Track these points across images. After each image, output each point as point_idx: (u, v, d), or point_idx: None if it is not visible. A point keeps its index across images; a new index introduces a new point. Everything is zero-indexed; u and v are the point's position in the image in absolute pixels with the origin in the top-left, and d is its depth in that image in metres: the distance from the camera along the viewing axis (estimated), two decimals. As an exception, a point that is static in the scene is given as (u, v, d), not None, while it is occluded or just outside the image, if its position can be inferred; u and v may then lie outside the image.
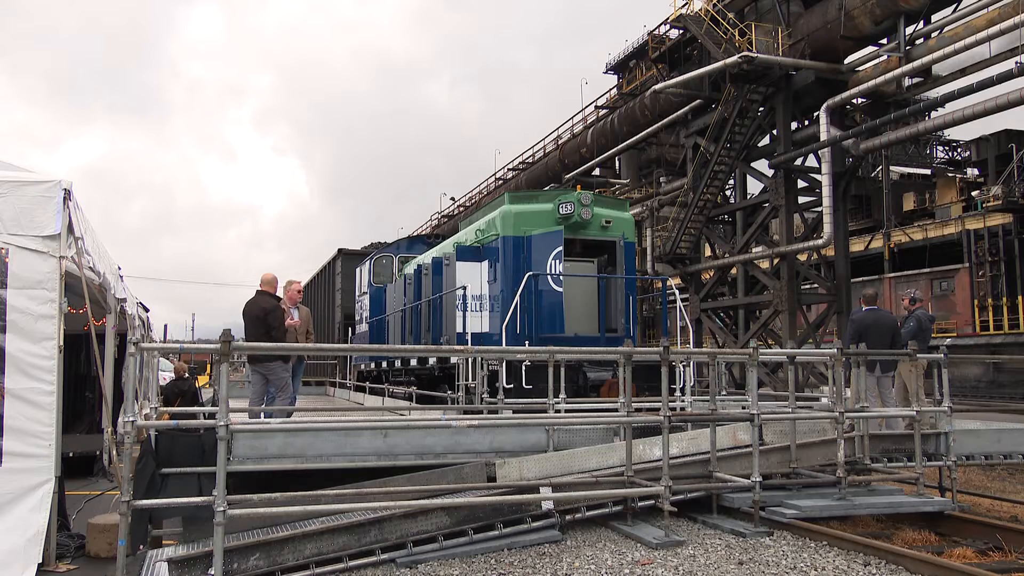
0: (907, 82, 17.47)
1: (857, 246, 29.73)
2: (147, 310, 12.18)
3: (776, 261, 20.32)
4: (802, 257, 21.12)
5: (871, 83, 17.21)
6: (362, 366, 17.71)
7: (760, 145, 21.39)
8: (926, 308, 12.57)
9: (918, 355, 6.78)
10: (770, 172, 20.13)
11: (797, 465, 6.54)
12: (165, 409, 8.40)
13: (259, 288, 7.58)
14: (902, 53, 16.58)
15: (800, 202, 20.55)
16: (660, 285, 12.31)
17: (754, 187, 23.70)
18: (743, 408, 8.54)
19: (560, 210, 10.16)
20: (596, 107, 31.15)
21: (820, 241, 18.72)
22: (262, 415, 7.13)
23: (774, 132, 20.47)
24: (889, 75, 16.78)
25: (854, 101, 18.70)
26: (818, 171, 19.01)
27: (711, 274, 22.84)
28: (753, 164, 21.37)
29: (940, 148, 35.52)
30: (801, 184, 20.37)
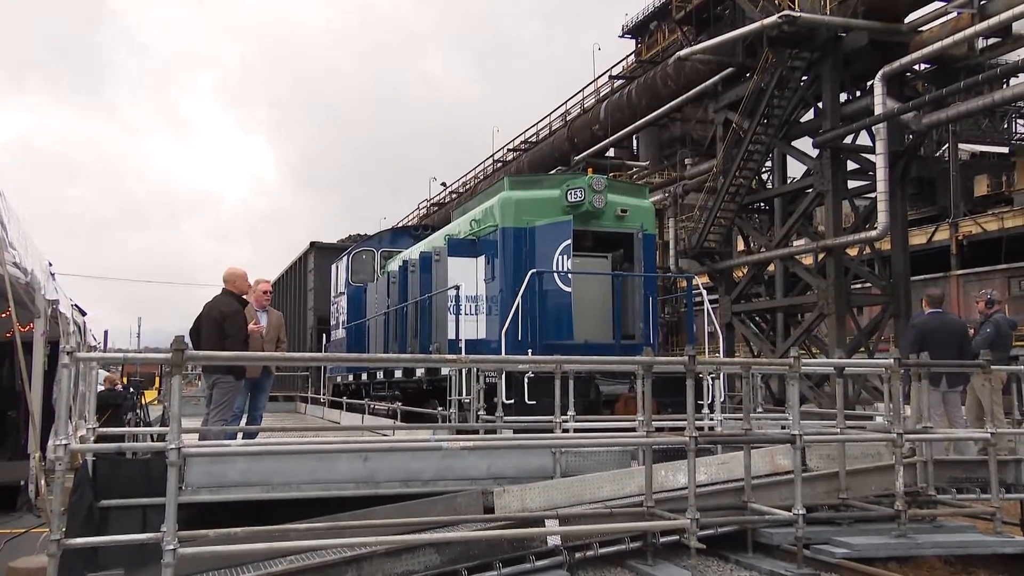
0: (980, 43, 17.44)
1: (918, 238, 29.68)
2: (84, 314, 12.19)
3: (821, 256, 20.32)
4: (852, 251, 21.10)
5: (937, 45, 17.11)
6: (338, 378, 17.74)
7: (803, 121, 21.40)
8: (1004, 311, 12.53)
9: (994, 367, 6.76)
10: (814, 152, 20.15)
11: (847, 496, 6.53)
12: (107, 430, 8.40)
13: (223, 288, 7.58)
14: (975, 9, 16.52)
15: (850, 187, 20.59)
16: (685, 284, 12.34)
17: (795, 170, 23.76)
18: (782, 428, 8.52)
19: (568, 197, 10.19)
20: (610, 77, 31.20)
21: (874, 233, 18.73)
22: (223, 437, 7.13)
23: (819, 105, 20.50)
24: (959, 35, 16.69)
25: (916, 67, 18.70)
26: (872, 150, 19.03)
27: (744, 271, 22.84)
28: (794, 143, 21.40)
29: (1020, 122, 35.35)
30: (851, 166, 20.40)
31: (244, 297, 7.79)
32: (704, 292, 11.02)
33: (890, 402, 6.65)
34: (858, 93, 20.21)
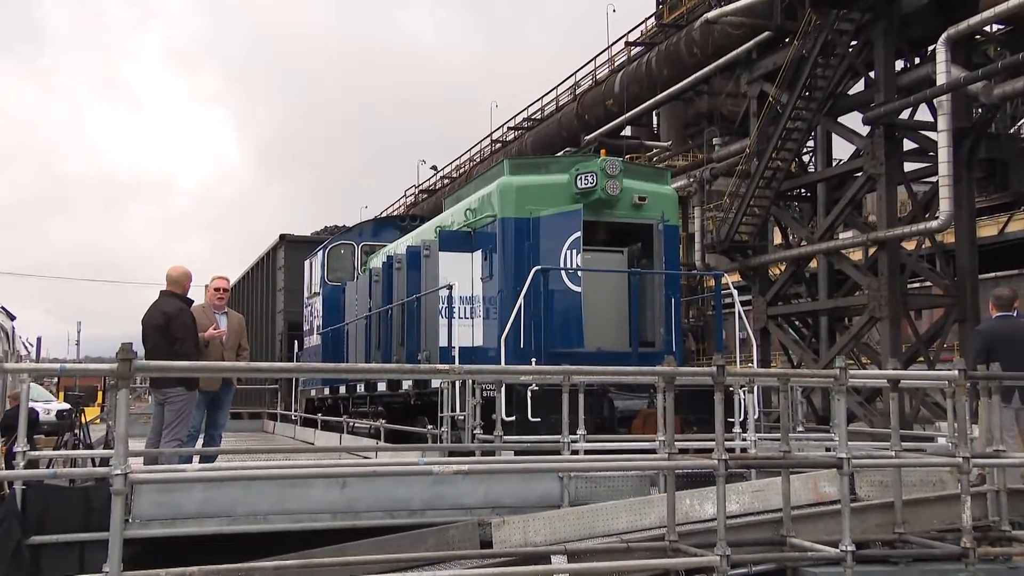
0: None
1: (988, 230, 29.61)
2: (13, 318, 12.24)
3: (872, 251, 20.33)
4: (909, 245, 21.12)
5: (1013, 2, 16.95)
6: (312, 392, 17.78)
7: (851, 93, 21.41)
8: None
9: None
10: (865, 129, 20.15)
11: (905, 530, 6.52)
12: (40, 454, 8.41)
13: (164, 288, 7.61)
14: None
15: (907, 170, 20.58)
16: (712, 283, 12.36)
17: (842, 150, 23.75)
18: (827, 450, 8.53)
19: (578, 183, 10.22)
20: (627, 44, 31.22)
21: (935, 223, 18.73)
22: (176, 460, 7.16)
23: (871, 75, 20.51)
24: (1039, -9, 16.58)
25: (986, 29, 18.65)
26: (933, 127, 18.98)
27: (782, 268, 22.85)
28: (841, 119, 21.42)
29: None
30: (909, 145, 20.40)
31: (190, 298, 7.81)
32: (735, 292, 11.05)
33: (954, 421, 6.64)
34: (917, 60, 20.24)
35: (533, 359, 9.46)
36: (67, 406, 12.86)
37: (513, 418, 8.61)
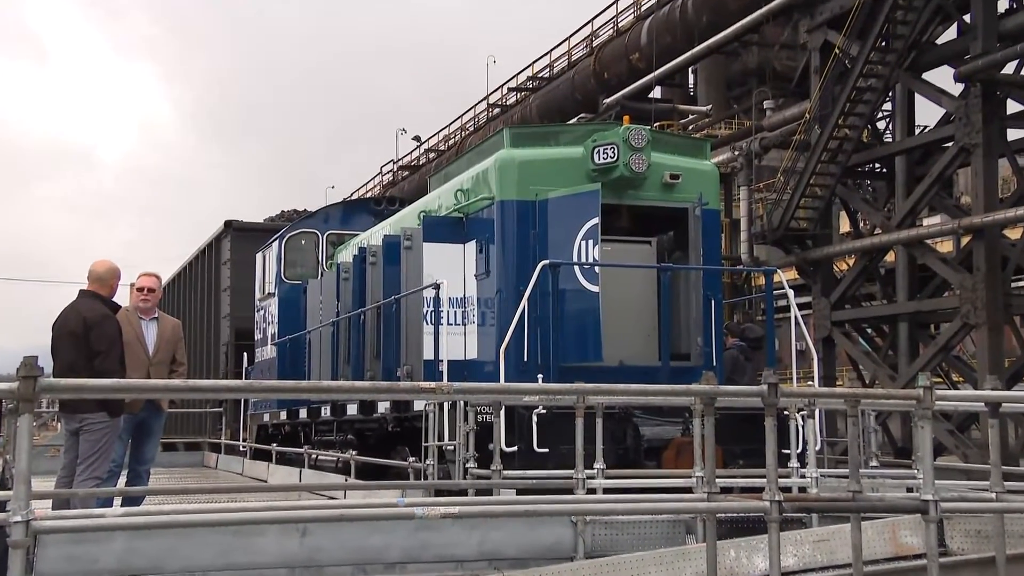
0: None
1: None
2: None
3: (966, 240, 20.31)
4: (1013, 234, 21.10)
5: None
6: (266, 417, 17.78)
7: (940, 43, 21.36)
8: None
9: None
10: (957, 88, 20.13)
11: (1007, 589, 6.51)
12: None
13: (84, 288, 7.61)
14: None
15: (1010, 139, 20.53)
16: (763, 281, 12.33)
17: (927, 115, 23.76)
18: (909, 490, 8.48)
19: (596, 157, 10.20)
20: (658, -20, 31.18)
21: (1045, 206, 18.71)
22: (94, 504, 7.16)
23: (965, 19, 20.47)
24: None
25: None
26: (1043, 85, 18.99)
27: (851, 263, 22.82)
28: (927, 75, 21.37)
29: None
30: (1013, 108, 20.35)
31: (116, 301, 7.83)
32: (791, 293, 10.98)
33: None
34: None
35: (540, 375, 9.41)
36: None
37: (515, 448, 8.59)
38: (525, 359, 9.52)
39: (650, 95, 30.69)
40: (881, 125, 25.06)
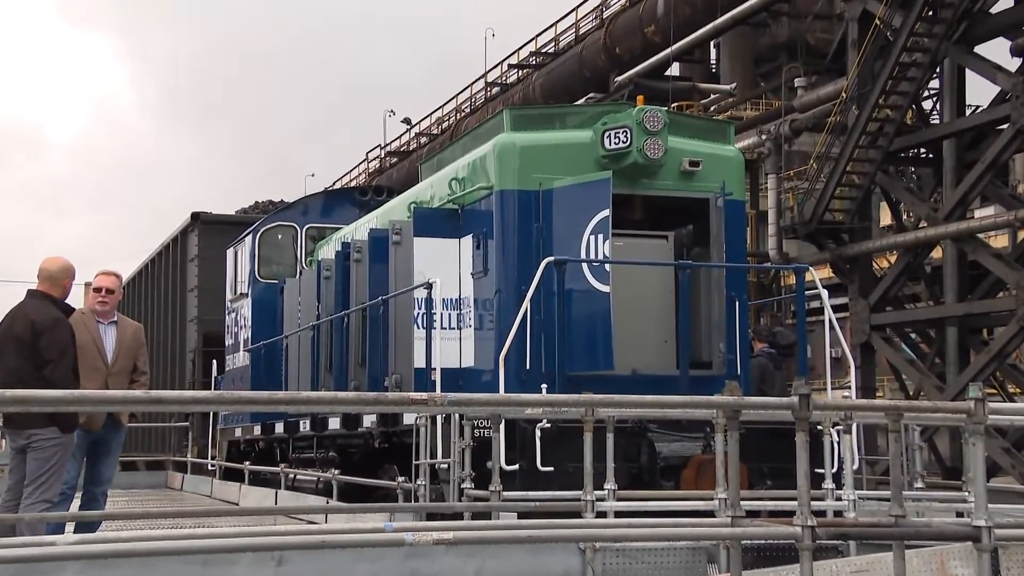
0: None
1: None
2: None
3: (1023, 235, 20.24)
4: (1073, 227, 21.04)
5: None
6: (238, 432, 17.87)
7: (994, 12, 21.32)
8: None
9: None
10: (1014, 64, 20.10)
11: (1066, 625, 6.49)
12: None
13: (33, 287, 7.59)
14: None
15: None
16: (794, 280, 12.33)
17: (980, 93, 23.65)
18: (958, 515, 8.44)
19: (606, 142, 10.22)
20: (676, -56, 31.21)
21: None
22: (43, 530, 7.12)
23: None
24: None
25: None
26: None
27: (893, 260, 22.81)
28: (979, 49, 21.33)
29: None
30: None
31: (69, 303, 7.84)
32: (825, 293, 10.99)
33: None
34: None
35: (544, 385, 9.44)
36: None
37: (516, 467, 8.60)
38: (527, 367, 9.59)
39: (667, 72, 30.73)
40: (927, 105, 25.02)
